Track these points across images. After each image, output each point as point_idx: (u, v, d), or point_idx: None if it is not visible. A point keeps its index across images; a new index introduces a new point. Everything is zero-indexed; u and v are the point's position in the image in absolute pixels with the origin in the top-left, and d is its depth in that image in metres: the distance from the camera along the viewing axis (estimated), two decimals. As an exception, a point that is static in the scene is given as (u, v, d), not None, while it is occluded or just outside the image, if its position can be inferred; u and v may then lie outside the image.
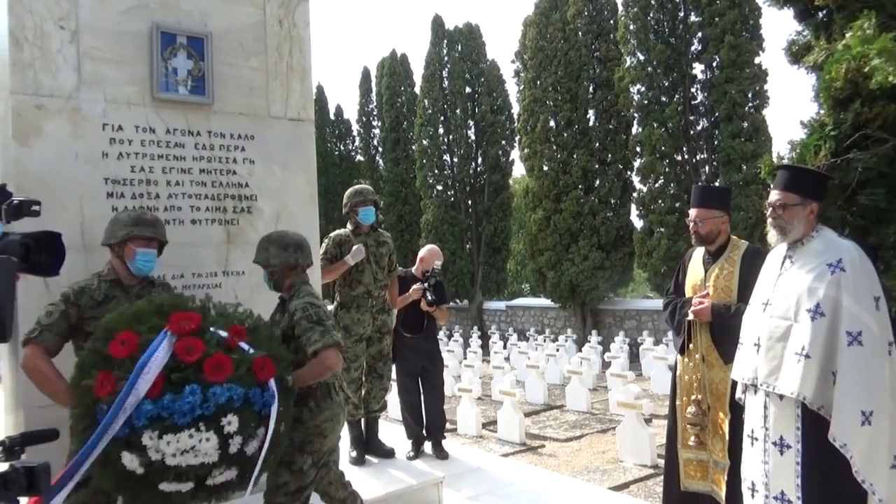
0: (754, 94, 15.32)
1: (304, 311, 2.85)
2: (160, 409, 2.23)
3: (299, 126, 4.09)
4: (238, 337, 2.50)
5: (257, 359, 2.47)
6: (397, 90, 25.44)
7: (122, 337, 2.36)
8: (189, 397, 2.24)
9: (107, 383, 2.28)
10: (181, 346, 2.33)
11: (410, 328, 5.32)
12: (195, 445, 2.24)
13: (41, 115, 3.20)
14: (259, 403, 2.43)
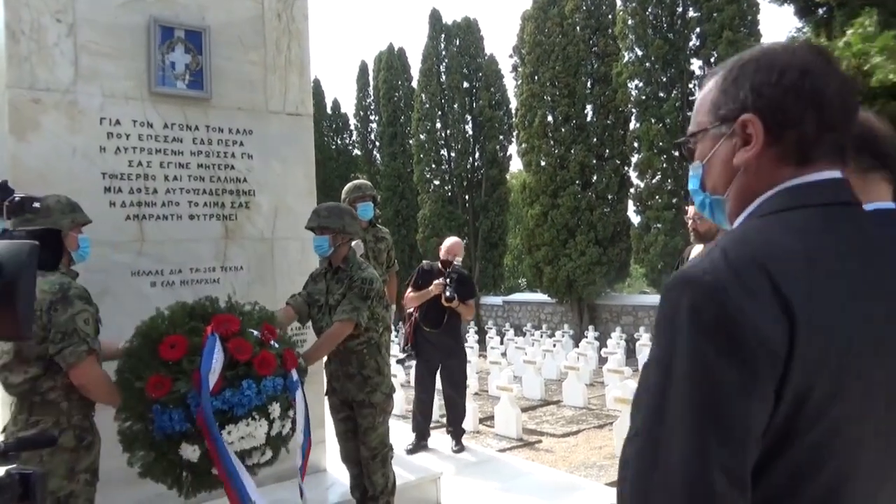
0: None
1: (363, 284, 3.23)
2: (222, 403, 2.48)
3: (298, 121, 4.07)
4: (270, 335, 2.79)
5: (284, 352, 2.76)
6: (394, 84, 25.36)
7: (171, 340, 2.56)
8: (247, 391, 2.53)
9: (161, 385, 2.47)
10: (233, 346, 2.57)
11: (430, 323, 5.31)
12: (251, 432, 2.55)
13: (38, 109, 3.18)
14: (291, 391, 2.75)
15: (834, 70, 0.90)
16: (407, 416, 7.08)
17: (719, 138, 0.96)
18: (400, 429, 5.44)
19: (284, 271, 3.97)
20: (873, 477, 0.83)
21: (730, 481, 0.74)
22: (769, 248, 0.81)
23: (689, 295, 0.78)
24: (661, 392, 0.79)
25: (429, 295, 5.22)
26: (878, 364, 0.81)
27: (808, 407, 0.76)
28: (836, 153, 0.91)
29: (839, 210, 0.88)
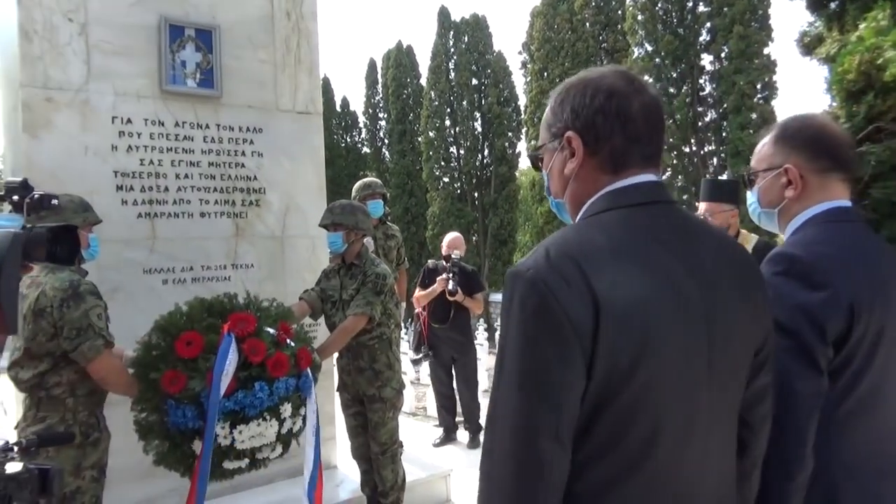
0: (763, 85, 15.23)
1: (376, 279, 3.29)
2: (234, 404, 2.53)
3: (307, 119, 4.08)
4: (286, 334, 2.80)
5: (299, 351, 2.78)
6: (403, 82, 25.38)
7: (188, 337, 2.59)
8: (259, 393, 2.57)
9: (177, 381, 2.51)
10: (247, 347, 2.59)
11: (437, 318, 5.35)
12: (262, 432, 2.61)
13: (51, 107, 3.21)
14: (304, 389, 2.80)
15: (637, 91, 1.06)
16: (417, 412, 7.11)
17: (554, 152, 1.13)
18: (410, 427, 5.47)
19: (295, 269, 3.98)
20: (680, 431, 0.97)
21: (549, 436, 0.89)
22: (582, 246, 0.96)
23: (517, 287, 0.94)
24: (499, 365, 0.96)
25: (435, 292, 5.24)
26: (679, 335, 0.95)
27: (616, 375, 0.91)
28: (646, 160, 1.06)
29: (648, 208, 1.03)
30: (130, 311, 3.40)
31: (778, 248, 1.39)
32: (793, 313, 1.26)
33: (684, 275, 0.99)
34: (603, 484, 0.95)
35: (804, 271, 1.29)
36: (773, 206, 1.50)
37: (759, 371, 1.10)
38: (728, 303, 1.02)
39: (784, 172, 1.45)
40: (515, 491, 0.92)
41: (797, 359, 1.25)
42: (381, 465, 3.37)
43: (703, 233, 1.08)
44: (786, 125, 1.49)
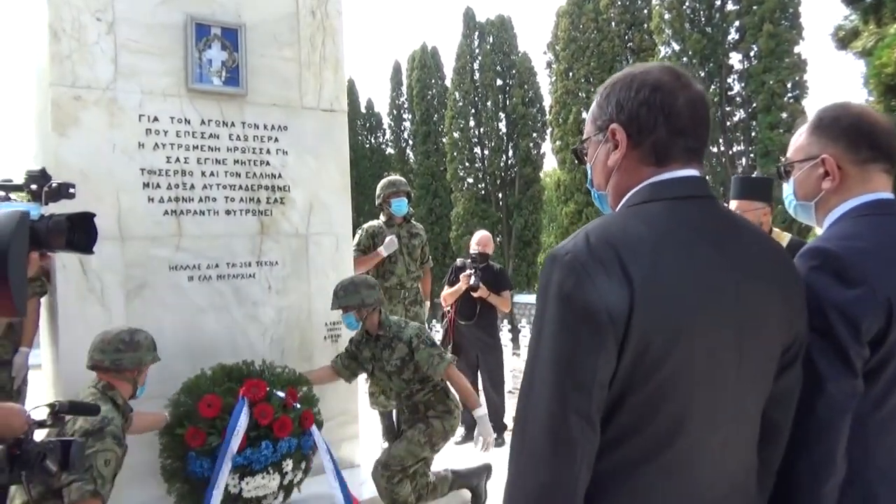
0: (794, 84, 14.93)
1: (420, 337, 3.43)
2: (244, 459, 3.03)
3: (332, 117, 4.08)
4: (293, 399, 3.27)
5: (303, 413, 3.26)
6: (428, 83, 25.39)
7: (209, 400, 3.10)
8: (265, 451, 3.07)
9: (197, 436, 3.02)
10: (257, 411, 3.09)
11: (464, 315, 5.32)
12: (266, 484, 3.09)
13: (79, 106, 3.24)
14: (305, 447, 3.26)
15: (683, 86, 1.07)
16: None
17: (598, 144, 1.16)
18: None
19: (319, 266, 3.98)
20: (705, 421, 0.98)
21: (579, 416, 0.92)
22: (622, 234, 0.98)
23: (556, 270, 0.96)
24: (534, 349, 0.98)
25: (460, 290, 5.22)
26: (711, 326, 0.97)
27: (647, 361, 0.92)
28: (689, 154, 1.08)
29: (690, 202, 1.05)
30: (156, 308, 3.42)
31: (812, 242, 1.33)
32: (826, 310, 1.20)
33: (721, 268, 1.00)
34: (623, 467, 0.97)
35: (839, 266, 1.23)
36: (809, 198, 1.44)
37: (786, 369, 1.10)
38: (762, 299, 1.03)
39: (821, 163, 1.39)
40: (548, 467, 0.94)
41: (830, 359, 1.19)
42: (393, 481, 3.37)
43: (743, 229, 1.08)
44: (823, 113, 1.42)
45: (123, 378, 2.69)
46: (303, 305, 3.92)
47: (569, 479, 0.93)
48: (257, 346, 3.74)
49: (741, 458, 1.06)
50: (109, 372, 2.66)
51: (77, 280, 3.18)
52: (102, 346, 2.68)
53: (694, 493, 1.00)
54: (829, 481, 1.18)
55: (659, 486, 0.97)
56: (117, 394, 2.65)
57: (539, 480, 0.94)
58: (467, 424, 5.43)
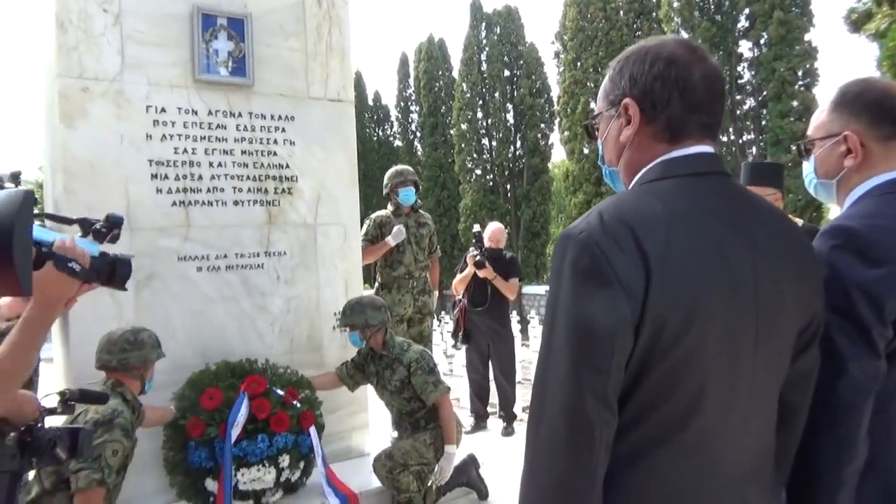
0: (805, 72, 14.75)
1: (419, 363, 3.48)
2: (240, 451, 3.12)
3: (339, 107, 4.07)
4: (292, 397, 3.38)
5: (302, 413, 3.35)
6: (435, 75, 25.31)
7: (211, 392, 3.23)
8: (261, 444, 3.15)
9: (197, 427, 3.14)
10: (256, 405, 3.21)
11: (475, 302, 5.32)
12: (261, 476, 3.16)
13: (86, 97, 3.24)
14: (303, 447, 3.33)
15: (699, 60, 1.04)
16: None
17: (610, 120, 1.12)
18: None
19: (327, 256, 3.98)
20: (722, 399, 0.97)
21: (596, 398, 0.90)
22: (637, 211, 0.96)
23: (569, 249, 0.94)
24: (550, 326, 0.96)
25: (470, 274, 5.21)
26: (728, 303, 0.95)
27: (664, 339, 0.91)
28: (703, 130, 1.05)
29: (704, 178, 1.03)
30: (165, 299, 3.44)
31: (834, 221, 1.30)
32: (848, 290, 1.18)
33: (737, 246, 0.98)
34: (642, 447, 0.96)
35: (862, 245, 1.20)
36: (830, 176, 1.41)
37: (803, 350, 1.09)
38: (778, 277, 1.01)
39: (843, 140, 1.36)
40: (565, 452, 0.92)
41: (852, 339, 1.17)
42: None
43: (759, 207, 1.06)
44: (845, 89, 1.38)
45: (131, 375, 2.77)
46: (311, 296, 3.93)
47: (587, 463, 0.92)
48: (266, 337, 3.75)
49: (759, 438, 1.05)
50: (117, 371, 2.74)
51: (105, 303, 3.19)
52: (108, 346, 2.77)
53: (713, 473, 0.98)
54: (850, 464, 1.17)
55: (678, 466, 0.96)
56: (126, 390, 2.72)
57: (558, 465, 0.93)
58: (477, 414, 5.45)
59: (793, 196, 13.59)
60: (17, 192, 1.12)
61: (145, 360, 2.80)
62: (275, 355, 3.73)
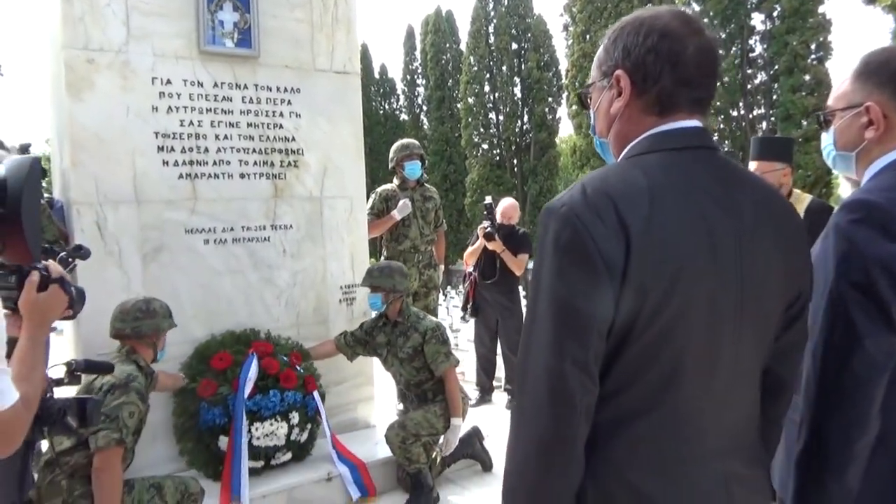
0: (818, 46, 14.55)
1: (434, 332, 3.55)
2: (253, 405, 3.25)
3: (345, 79, 4.04)
4: (296, 360, 3.54)
5: (306, 377, 3.51)
6: (442, 47, 25.06)
7: (220, 356, 3.37)
8: (273, 398, 3.29)
9: (209, 387, 3.27)
10: (266, 363, 3.37)
11: (485, 275, 5.32)
12: (274, 431, 3.28)
13: (92, 69, 3.23)
14: (310, 408, 3.47)
15: (693, 33, 1.03)
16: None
17: (602, 90, 1.12)
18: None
19: (333, 229, 3.99)
20: (702, 372, 0.98)
21: (577, 367, 0.92)
22: (621, 184, 0.96)
23: (552, 222, 0.96)
24: (534, 298, 0.98)
25: (480, 247, 5.21)
26: (710, 276, 0.96)
27: (644, 311, 0.92)
28: (694, 105, 1.05)
29: (691, 152, 1.03)
30: (173, 272, 3.46)
31: (854, 194, 1.27)
32: (868, 266, 1.16)
33: (721, 220, 0.98)
34: (621, 418, 0.98)
35: (884, 220, 1.17)
36: (850, 148, 1.38)
37: (790, 325, 1.09)
38: (763, 252, 1.01)
39: (865, 111, 1.32)
40: (547, 418, 0.95)
41: (870, 316, 1.15)
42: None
43: (746, 181, 1.06)
44: (870, 58, 1.35)
45: (144, 343, 2.84)
46: (318, 269, 3.94)
47: (567, 430, 0.94)
48: (273, 309, 3.78)
49: (741, 411, 1.06)
50: (131, 339, 2.81)
51: (95, 244, 3.20)
52: (122, 315, 2.83)
53: (693, 444, 0.99)
54: (861, 439, 1.16)
55: (657, 438, 0.97)
56: (139, 357, 2.79)
57: (538, 432, 0.95)
58: (483, 387, 5.50)
59: (802, 172, 13.49)
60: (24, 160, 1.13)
61: (157, 328, 2.86)
62: (281, 328, 3.77)
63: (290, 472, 3.40)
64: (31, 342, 1.27)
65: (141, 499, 2.63)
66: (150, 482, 2.71)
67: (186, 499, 2.76)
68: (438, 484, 3.58)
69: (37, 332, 1.28)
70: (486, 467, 3.89)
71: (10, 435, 1.13)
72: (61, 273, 1.32)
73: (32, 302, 1.27)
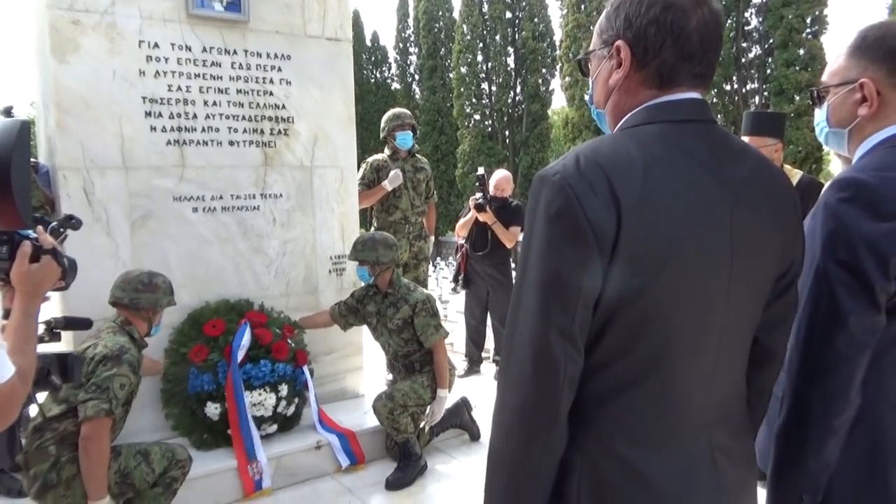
0: (813, 20, 14.46)
1: (424, 304, 3.55)
2: (244, 373, 3.25)
3: (336, 46, 3.98)
4: (289, 333, 3.54)
5: (297, 351, 3.53)
6: (435, 15, 24.70)
7: (213, 322, 3.38)
8: (263, 368, 3.31)
9: (200, 353, 3.28)
10: (259, 332, 3.37)
11: (477, 246, 5.31)
12: (263, 401, 3.29)
13: (77, 30, 3.16)
14: (298, 382, 3.50)
15: (697, 5, 1.00)
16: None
17: (602, 60, 1.10)
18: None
19: (324, 199, 3.96)
20: (691, 344, 0.98)
21: (562, 336, 0.93)
22: (614, 155, 0.95)
23: (543, 191, 0.95)
24: (522, 270, 0.98)
25: (472, 219, 5.19)
26: (701, 249, 0.95)
27: (633, 285, 0.92)
28: (694, 79, 1.03)
29: (688, 125, 1.01)
30: (161, 239, 3.43)
31: (844, 172, 1.26)
32: (855, 245, 1.15)
33: (715, 192, 0.98)
34: (609, 390, 0.98)
35: (873, 198, 1.17)
36: (843, 125, 1.36)
37: (780, 296, 1.09)
38: (756, 224, 1.01)
39: (859, 88, 1.30)
40: (531, 386, 0.95)
41: (854, 294, 1.16)
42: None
43: (741, 154, 1.04)
44: (865, 33, 1.32)
45: (140, 316, 2.82)
46: (307, 238, 3.93)
47: (551, 397, 0.94)
48: (262, 279, 3.77)
49: (729, 383, 1.07)
50: (128, 309, 2.79)
51: (82, 210, 3.17)
52: (123, 285, 2.81)
53: (680, 416, 1.00)
54: (841, 415, 1.18)
55: (644, 409, 0.98)
56: (134, 329, 2.77)
57: (523, 398, 0.96)
58: (471, 358, 5.54)
59: (793, 147, 13.50)
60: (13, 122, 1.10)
61: (156, 303, 2.83)
62: (271, 297, 3.76)
63: (279, 440, 3.42)
64: (24, 315, 1.26)
65: (128, 465, 2.64)
66: (137, 449, 2.72)
67: (174, 465, 2.78)
68: (427, 453, 3.62)
69: (29, 304, 1.27)
70: (474, 437, 3.93)
71: (7, 409, 1.13)
72: (53, 244, 1.30)
73: (25, 273, 1.25)
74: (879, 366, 1.20)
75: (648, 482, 0.97)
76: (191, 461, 2.87)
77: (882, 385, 1.22)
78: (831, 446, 1.19)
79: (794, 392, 1.21)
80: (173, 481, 2.78)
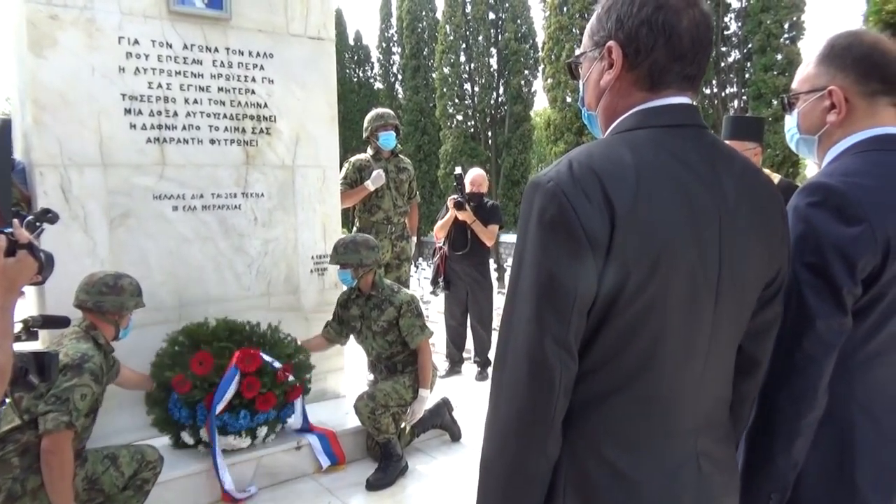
0: (791, 25, 14.65)
1: (409, 305, 3.54)
2: (220, 421, 3.14)
3: (319, 45, 3.96)
4: (286, 373, 3.33)
5: (291, 386, 3.35)
6: (418, 15, 24.65)
7: (201, 357, 3.19)
8: (242, 420, 3.19)
9: (184, 384, 3.13)
10: (245, 383, 3.17)
11: (456, 246, 5.31)
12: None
13: (55, 25, 3.11)
14: (283, 416, 3.40)
15: (689, 5, 1.00)
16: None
17: (593, 61, 1.10)
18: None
19: (306, 198, 3.94)
20: (679, 351, 0.98)
21: (557, 343, 0.92)
22: (607, 161, 0.95)
23: (537, 197, 0.94)
24: (516, 273, 0.97)
25: (450, 219, 5.20)
26: (691, 256, 0.95)
27: (626, 289, 0.92)
28: (685, 81, 1.03)
29: (678, 130, 1.01)
30: (141, 237, 3.40)
31: (813, 178, 1.28)
32: (823, 248, 1.18)
33: (705, 199, 0.98)
34: (596, 396, 0.98)
35: (841, 203, 1.19)
36: (812, 132, 1.39)
37: (767, 304, 1.10)
38: (745, 231, 1.01)
39: (828, 95, 1.33)
40: (526, 394, 0.95)
41: (821, 296, 1.18)
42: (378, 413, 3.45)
43: (730, 160, 1.04)
44: (833, 41, 1.34)
45: (105, 320, 2.73)
46: (289, 238, 3.91)
47: (547, 405, 0.94)
48: (243, 278, 3.74)
49: (715, 391, 1.07)
50: (92, 312, 2.70)
51: (60, 207, 3.12)
52: (87, 287, 2.72)
53: (667, 422, 1.00)
54: (808, 415, 1.20)
55: (632, 415, 0.98)
56: (99, 334, 2.68)
57: (518, 406, 0.95)
58: (452, 359, 5.54)
59: (771, 151, 13.67)
60: None
61: (121, 306, 2.74)
62: (252, 297, 3.74)
63: (260, 440, 3.40)
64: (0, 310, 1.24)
65: (95, 471, 2.57)
66: (105, 453, 2.65)
67: (144, 467, 2.72)
68: (407, 453, 3.62)
69: (5, 300, 1.24)
70: (455, 437, 3.94)
71: None
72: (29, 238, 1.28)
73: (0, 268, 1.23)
74: (848, 367, 1.23)
75: (634, 486, 0.97)
76: (162, 461, 2.81)
77: (851, 386, 1.24)
78: (799, 446, 1.21)
79: (763, 393, 1.23)
80: (144, 483, 2.73)
